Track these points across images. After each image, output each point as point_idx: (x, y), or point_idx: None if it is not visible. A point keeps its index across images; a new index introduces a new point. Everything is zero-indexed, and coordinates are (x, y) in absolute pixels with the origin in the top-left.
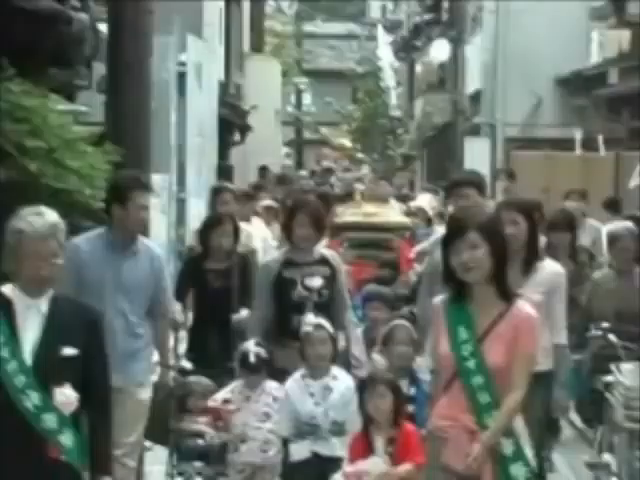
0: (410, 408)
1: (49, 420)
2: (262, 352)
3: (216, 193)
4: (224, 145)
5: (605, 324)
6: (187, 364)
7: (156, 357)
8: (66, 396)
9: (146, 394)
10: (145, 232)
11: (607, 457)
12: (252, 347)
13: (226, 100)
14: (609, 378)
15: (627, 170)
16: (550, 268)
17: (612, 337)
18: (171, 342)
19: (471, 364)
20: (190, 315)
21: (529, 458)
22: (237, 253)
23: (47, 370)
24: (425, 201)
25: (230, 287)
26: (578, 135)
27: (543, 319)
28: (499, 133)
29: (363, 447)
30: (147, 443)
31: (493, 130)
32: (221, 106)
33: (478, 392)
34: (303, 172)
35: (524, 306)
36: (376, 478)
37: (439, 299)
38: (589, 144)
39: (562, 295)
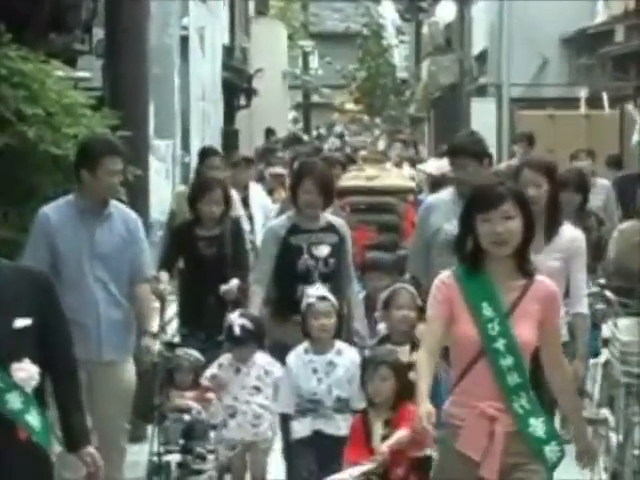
0: (413, 375)
1: (13, 400)
2: (247, 323)
3: (205, 156)
4: (230, 109)
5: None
6: (174, 339)
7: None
8: (26, 371)
9: (131, 369)
10: (146, 197)
11: (605, 412)
12: (237, 319)
13: (231, 64)
14: (606, 334)
15: (632, 127)
16: (569, 233)
17: (608, 293)
18: (157, 313)
19: (500, 344)
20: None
21: (559, 435)
22: (229, 218)
23: (1, 345)
24: (433, 165)
25: (223, 254)
26: (583, 94)
27: (559, 286)
28: (505, 93)
29: (362, 430)
30: None
31: (499, 90)
32: (226, 70)
33: (508, 373)
34: (305, 137)
35: (546, 281)
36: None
37: (447, 273)
38: (595, 103)
39: (583, 262)
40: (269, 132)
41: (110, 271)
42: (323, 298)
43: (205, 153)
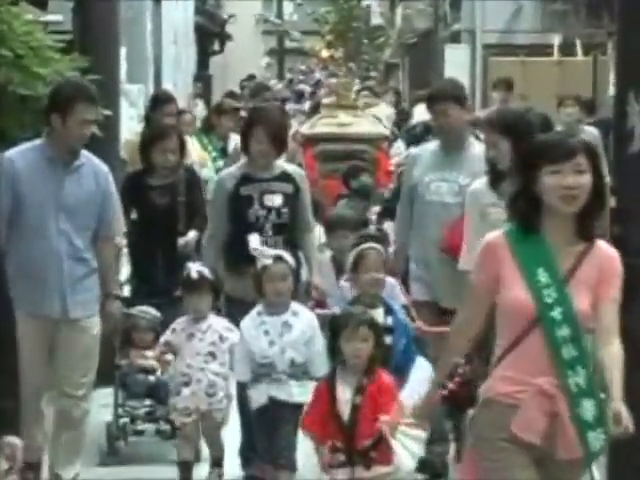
0: (388, 339)
1: None
2: (205, 271)
3: (158, 103)
4: (203, 54)
5: None
6: (127, 293)
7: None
8: None
9: (97, 327)
10: (117, 142)
11: None
12: (194, 265)
13: (204, 8)
14: None
15: (605, 74)
16: None
17: None
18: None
19: (556, 313)
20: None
21: (609, 421)
22: (184, 167)
23: None
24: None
25: (177, 205)
26: (556, 40)
27: None
28: (478, 40)
29: (326, 395)
30: None
31: (472, 37)
32: (199, 14)
33: (563, 345)
34: (273, 81)
35: (606, 246)
36: None
37: (497, 233)
38: (568, 49)
39: None
40: (250, 78)
41: (76, 225)
42: (279, 259)
43: (159, 99)
